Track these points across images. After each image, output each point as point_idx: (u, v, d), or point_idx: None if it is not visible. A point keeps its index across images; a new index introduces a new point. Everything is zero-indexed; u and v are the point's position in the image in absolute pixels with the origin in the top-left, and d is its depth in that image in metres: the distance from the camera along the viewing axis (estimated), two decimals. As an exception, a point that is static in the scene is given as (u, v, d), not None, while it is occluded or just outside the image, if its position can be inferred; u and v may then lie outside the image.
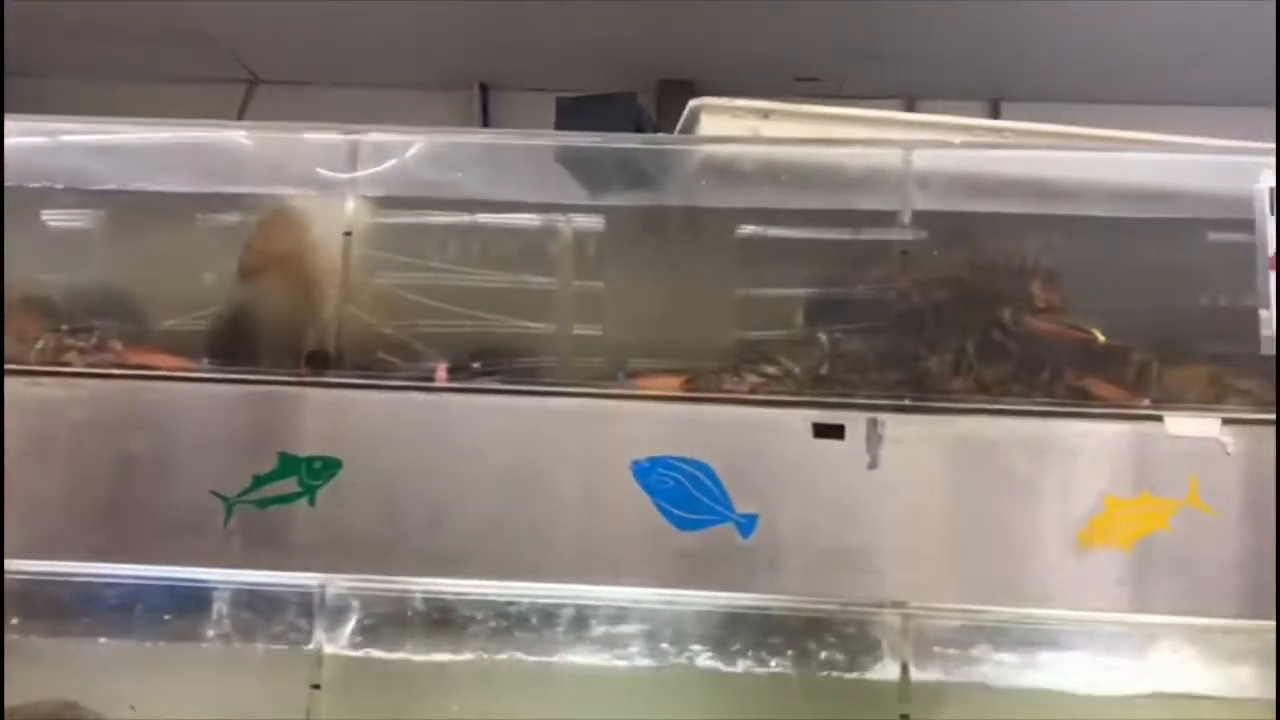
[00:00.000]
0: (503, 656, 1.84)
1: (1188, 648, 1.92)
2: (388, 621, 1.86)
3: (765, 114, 2.04)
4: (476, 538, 1.82)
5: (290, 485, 1.83)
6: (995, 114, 5.04)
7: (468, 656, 1.84)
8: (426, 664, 1.84)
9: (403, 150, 2.01)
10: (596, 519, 1.84)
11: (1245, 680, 1.91)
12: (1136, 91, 4.88)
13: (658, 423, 1.87)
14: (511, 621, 1.85)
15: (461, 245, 2.06)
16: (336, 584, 1.87)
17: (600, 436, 1.86)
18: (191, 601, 1.87)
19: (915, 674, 1.83)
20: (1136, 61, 4.74)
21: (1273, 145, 1.86)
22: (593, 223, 2.03)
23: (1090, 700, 1.83)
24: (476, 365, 1.92)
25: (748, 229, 2.03)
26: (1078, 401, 1.87)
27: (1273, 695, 1.89)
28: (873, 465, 1.85)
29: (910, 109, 4.97)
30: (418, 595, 1.87)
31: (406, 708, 1.86)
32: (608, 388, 1.89)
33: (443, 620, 1.86)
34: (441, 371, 1.91)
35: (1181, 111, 4.68)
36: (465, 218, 2.08)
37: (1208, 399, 1.87)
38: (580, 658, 1.84)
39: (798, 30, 4.48)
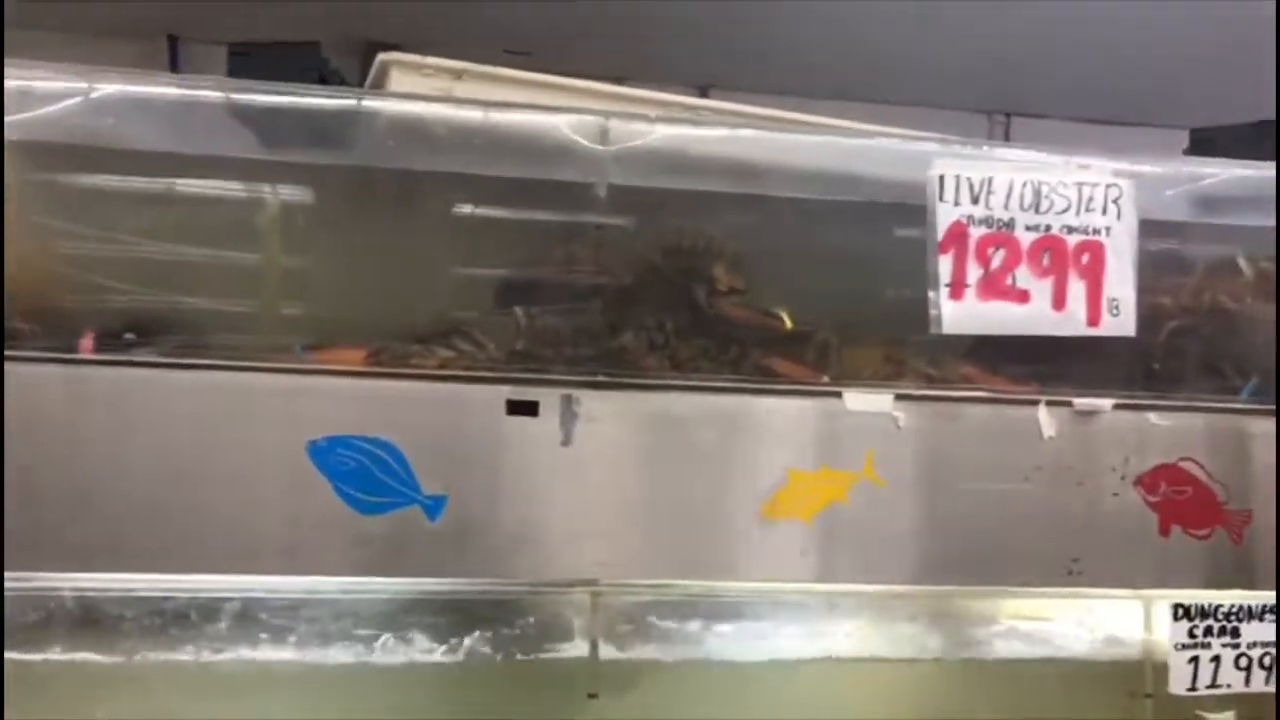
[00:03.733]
0: (158, 656, 1.66)
1: (864, 613, 2.00)
2: (25, 623, 1.64)
3: (459, 74, 1.95)
4: (127, 527, 1.64)
5: (-103, 472, 1.58)
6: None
7: (118, 658, 1.65)
8: (70, 667, 1.64)
9: (46, 96, 1.77)
10: (267, 504, 1.70)
11: (918, 643, 2.01)
12: (842, 87, 5.10)
13: (338, 400, 1.74)
14: (167, 618, 1.68)
15: (122, 204, 1.85)
16: (-41, 584, 1.64)
17: (272, 415, 1.71)
18: None
19: (605, 652, 1.81)
20: (843, 57, 4.96)
21: (934, 136, 1.97)
22: (270, 185, 1.86)
23: (773, 667, 1.87)
24: (130, 336, 1.72)
25: (440, 197, 1.93)
26: (764, 378, 1.90)
27: (941, 655, 2.02)
28: (566, 442, 1.80)
29: (621, 87, 4.96)
30: (62, 592, 1.66)
31: (49, 716, 1.65)
32: (282, 362, 1.75)
33: (89, 619, 1.66)
34: (87, 342, 1.70)
35: (878, 109, 4.95)
36: (125, 177, 1.87)
37: (883, 376, 1.95)
38: (249, 654, 1.69)
39: (514, 2, 4.39)
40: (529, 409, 1.80)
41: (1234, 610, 1.95)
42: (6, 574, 1.58)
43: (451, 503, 1.75)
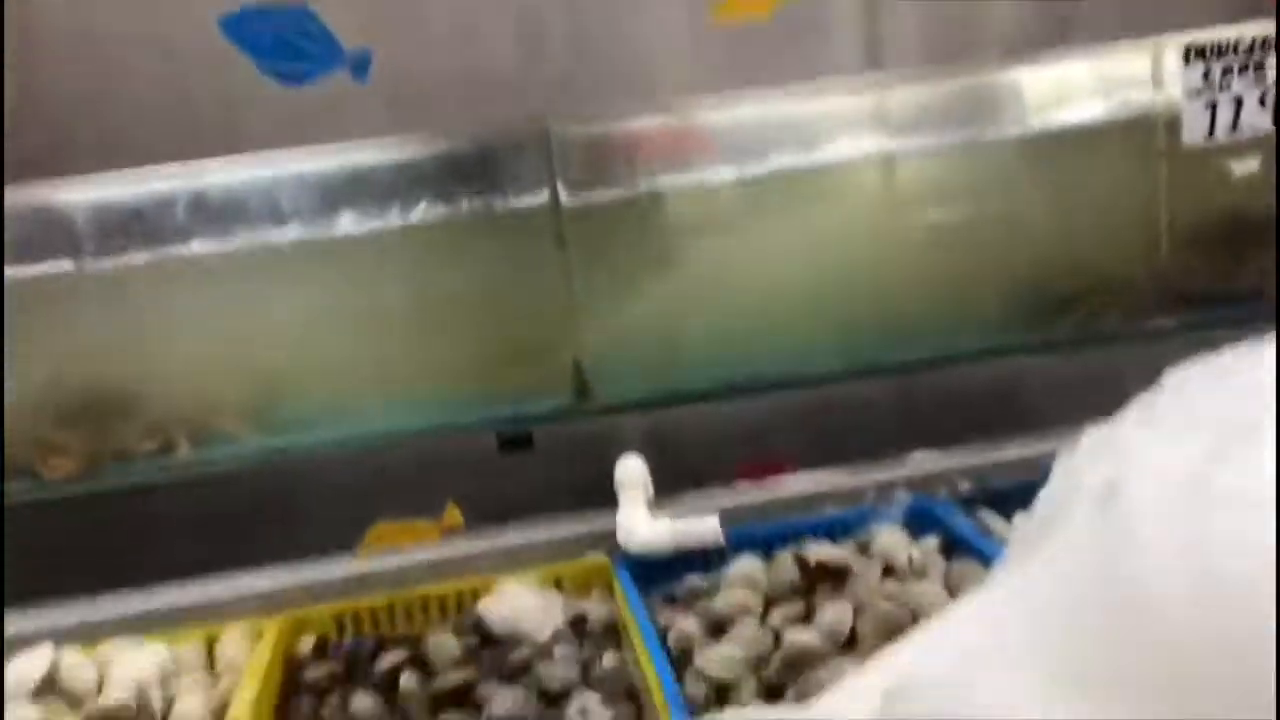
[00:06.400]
0: (115, 261, 1.66)
1: (857, 111, 1.86)
2: None
3: None
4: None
5: None
6: None
7: (80, 262, 1.65)
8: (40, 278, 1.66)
9: None
10: (181, 87, 1.64)
11: (917, 135, 1.88)
12: None
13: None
14: (124, 218, 1.67)
15: None
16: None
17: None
18: None
19: (566, 197, 1.74)
20: None
21: None
22: None
23: (762, 182, 1.75)
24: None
25: None
26: None
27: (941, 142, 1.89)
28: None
29: None
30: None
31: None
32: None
33: (48, 228, 1.66)
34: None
35: None
36: None
37: None
38: (198, 249, 1.66)
39: None
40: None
41: (1258, 42, 1.73)
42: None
43: (378, 57, 1.66)
